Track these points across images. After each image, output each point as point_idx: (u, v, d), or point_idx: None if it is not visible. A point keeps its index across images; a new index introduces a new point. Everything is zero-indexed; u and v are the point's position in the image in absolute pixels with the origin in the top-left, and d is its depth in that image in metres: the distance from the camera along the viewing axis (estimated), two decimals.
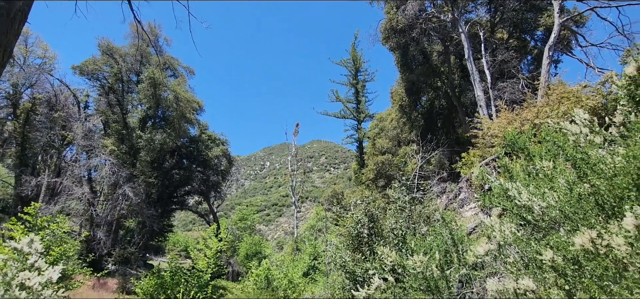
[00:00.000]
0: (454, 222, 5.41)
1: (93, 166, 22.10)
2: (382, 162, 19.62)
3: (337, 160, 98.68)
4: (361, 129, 28.31)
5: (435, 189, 10.66)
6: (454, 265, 4.68)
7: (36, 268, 3.97)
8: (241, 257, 25.28)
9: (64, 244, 10.44)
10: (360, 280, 6.24)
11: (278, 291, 11.15)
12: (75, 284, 10.34)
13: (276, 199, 78.14)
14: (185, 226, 63.84)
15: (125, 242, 23.08)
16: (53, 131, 22.61)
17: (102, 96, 24.46)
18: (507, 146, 5.25)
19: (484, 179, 5.01)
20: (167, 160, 26.68)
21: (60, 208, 19.24)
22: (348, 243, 7.82)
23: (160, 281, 10.36)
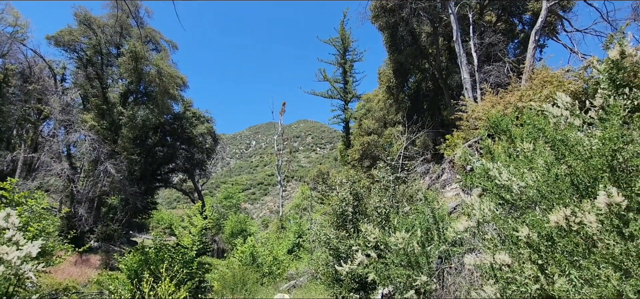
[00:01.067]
0: (436, 201, 5.53)
1: (72, 142, 21.46)
2: (368, 143, 19.75)
3: (323, 140, 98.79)
4: (348, 110, 28.30)
5: (419, 170, 10.84)
6: (435, 242, 4.81)
7: (14, 242, 3.87)
8: (226, 235, 25.38)
9: (43, 220, 10.19)
10: (344, 256, 6.35)
11: (263, 267, 11.29)
12: (57, 261, 10.18)
13: (262, 178, 78.09)
14: (169, 203, 63.35)
15: (107, 219, 22.77)
16: (28, 104, 21.71)
17: (80, 69, 23.49)
18: (490, 128, 5.35)
19: (466, 160, 5.11)
20: (150, 137, 26.14)
21: (38, 184, 18.73)
22: (332, 220, 7.92)
23: (144, 257, 10.26)
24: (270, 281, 10.36)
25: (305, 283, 9.08)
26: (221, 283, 10.29)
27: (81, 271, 14.09)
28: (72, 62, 24.01)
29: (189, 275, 9.68)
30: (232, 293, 9.13)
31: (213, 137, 31.17)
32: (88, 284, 11.82)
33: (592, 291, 2.47)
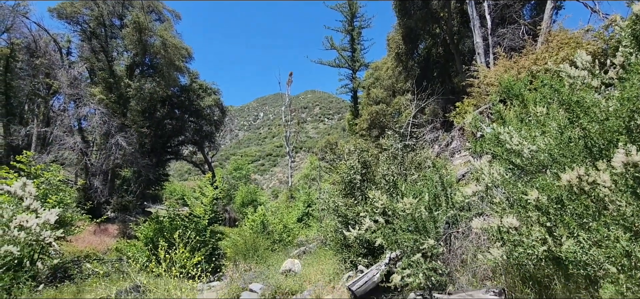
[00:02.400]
0: (445, 168, 5.51)
1: (82, 116, 21.72)
2: (377, 112, 19.54)
3: (331, 111, 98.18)
4: (356, 79, 27.87)
5: (427, 138, 10.74)
6: (442, 207, 4.82)
7: (32, 210, 4.01)
8: (237, 204, 25.92)
9: (60, 192, 10.53)
10: (352, 223, 6.44)
11: (273, 235, 11.58)
12: (76, 230, 10.60)
13: (270, 150, 78.64)
14: (180, 176, 64.57)
15: (122, 191, 23.39)
16: (36, 79, 21.88)
17: (85, 42, 23.38)
18: (503, 93, 5.22)
19: (476, 127, 5.03)
20: (158, 110, 26.29)
21: (53, 158, 19.19)
22: (341, 189, 7.99)
23: (159, 226, 10.65)
24: (280, 248, 10.65)
25: (314, 249, 9.30)
26: (233, 250, 10.62)
27: (100, 240, 14.65)
28: (76, 35, 23.90)
29: (203, 242, 10.01)
30: (244, 259, 9.44)
31: (221, 109, 31.20)
32: (108, 251, 12.32)
33: (600, 252, 2.47)
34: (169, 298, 4.00)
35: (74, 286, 7.25)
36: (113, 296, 3.76)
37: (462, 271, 4.50)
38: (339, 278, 6.30)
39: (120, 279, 5.64)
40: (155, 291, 4.38)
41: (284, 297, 6.34)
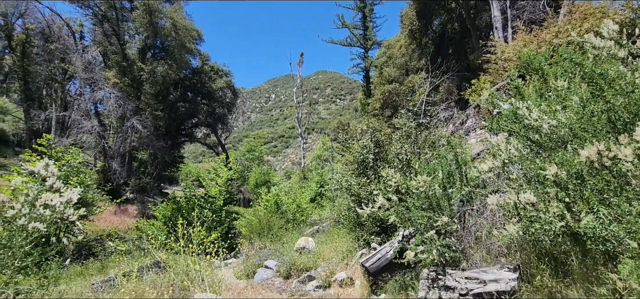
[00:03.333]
0: (460, 146, 5.43)
1: (98, 100, 22.14)
2: (389, 91, 19.26)
3: (343, 91, 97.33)
4: (368, 58, 27.38)
5: (442, 117, 10.55)
6: (457, 185, 4.78)
7: (55, 189, 4.17)
8: (251, 185, 26.31)
9: (80, 173, 10.89)
10: (365, 202, 6.47)
11: (287, 214, 11.76)
12: (98, 210, 11.00)
13: (283, 131, 78.94)
14: (195, 158, 65.67)
15: (139, 173, 23.99)
16: (52, 64, 22.31)
17: (97, 25, 23.57)
18: (522, 67, 5.06)
19: (493, 103, 4.91)
20: (171, 92, 26.56)
21: (72, 141, 19.73)
22: (354, 168, 8.00)
23: (176, 206, 10.96)
24: (294, 227, 10.82)
25: (328, 228, 9.42)
26: (248, 229, 10.85)
27: (121, 219, 15.18)
28: (88, 18, 24.09)
29: (219, 221, 10.25)
30: (259, 237, 9.65)
31: (232, 91, 31.31)
32: (128, 230, 12.78)
33: (620, 228, 2.42)
34: (188, 272, 4.14)
35: (98, 263, 7.59)
36: (135, 270, 3.92)
37: (476, 247, 4.49)
38: (352, 256, 6.39)
39: (142, 256, 5.87)
40: (175, 266, 4.54)
41: (299, 273, 6.48)
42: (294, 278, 6.42)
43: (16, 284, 3.35)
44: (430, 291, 4.05)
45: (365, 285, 4.98)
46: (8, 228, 3.89)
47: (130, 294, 3.44)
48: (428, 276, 4.10)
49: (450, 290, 3.87)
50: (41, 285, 3.58)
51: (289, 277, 6.55)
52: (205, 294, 3.27)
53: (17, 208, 3.84)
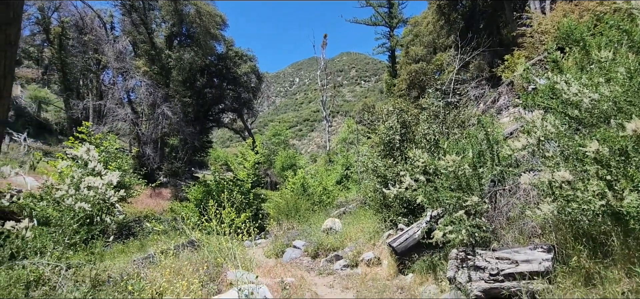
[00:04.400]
0: (491, 125, 5.24)
1: (130, 88, 23.05)
2: (416, 71, 18.73)
3: (367, 72, 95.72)
4: (394, 37, 26.65)
5: (472, 95, 10.15)
6: (487, 165, 4.65)
7: (97, 172, 4.44)
8: (277, 169, 26.72)
9: (118, 159, 11.52)
10: (392, 183, 6.42)
11: (313, 196, 11.91)
12: (135, 193, 11.64)
13: (307, 115, 79.12)
14: (223, 143, 67.36)
15: (171, 158, 25.00)
16: (87, 55, 23.35)
17: (126, 15, 24.35)
18: (561, 39, 4.75)
19: (528, 79, 4.67)
20: (198, 79, 27.18)
21: (108, 128, 20.77)
22: (380, 150, 7.94)
23: (207, 189, 11.39)
24: (320, 209, 10.96)
25: (354, 209, 9.47)
26: (276, 211, 11.12)
27: (156, 202, 15.97)
28: (117, 9, 24.93)
29: (247, 203, 10.55)
30: (286, 219, 9.87)
31: (257, 76, 31.60)
32: (163, 212, 13.44)
33: None
34: (221, 250, 4.33)
35: (137, 241, 8.08)
36: (172, 248, 4.15)
37: (507, 228, 4.38)
38: (379, 236, 6.41)
39: (177, 236, 6.19)
40: (208, 245, 4.76)
41: (326, 252, 6.60)
42: (321, 257, 6.55)
43: (67, 258, 3.64)
44: (459, 271, 4.01)
45: (393, 265, 5.01)
46: (58, 209, 4.21)
47: (169, 268, 3.66)
48: (457, 256, 4.06)
49: (480, 270, 3.81)
50: (89, 260, 3.87)
51: (317, 256, 6.69)
52: (237, 271, 3.41)
53: (64, 190, 4.15)
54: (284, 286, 3.78)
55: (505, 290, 3.65)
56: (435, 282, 4.39)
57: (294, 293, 3.76)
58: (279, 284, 3.81)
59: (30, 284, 3.09)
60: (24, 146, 18.49)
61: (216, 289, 3.64)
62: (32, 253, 3.64)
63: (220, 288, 3.70)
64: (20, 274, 3.08)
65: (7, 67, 6.09)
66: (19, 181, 10.00)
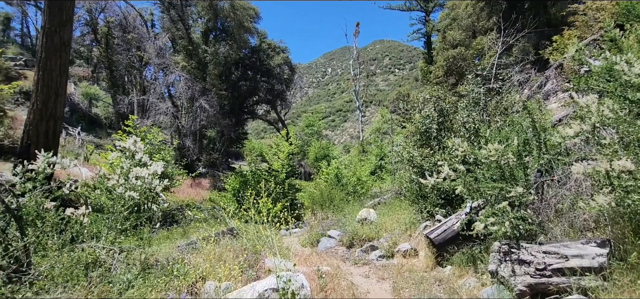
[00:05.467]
0: (538, 111, 4.92)
1: (170, 83, 24.14)
2: (454, 56, 17.97)
3: (402, 60, 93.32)
4: (429, 22, 25.71)
5: (515, 80, 9.55)
6: (534, 154, 4.38)
7: (143, 163, 4.72)
8: (311, 159, 26.97)
9: (161, 151, 12.18)
10: (429, 173, 6.26)
11: (347, 187, 11.91)
12: (177, 183, 12.28)
13: (340, 105, 78.82)
14: (257, 134, 68.96)
15: (209, 149, 26.01)
16: (130, 52, 24.72)
17: (165, 13, 25.45)
18: (620, 15, 4.35)
19: (581, 60, 4.33)
20: (233, 72, 27.90)
21: (151, 122, 21.96)
22: (416, 139, 7.74)
23: (243, 179, 11.76)
24: (355, 199, 10.93)
25: (389, 200, 9.35)
26: (310, 201, 11.25)
27: (196, 192, 16.74)
28: (157, 7, 26.13)
29: (283, 193, 10.76)
30: (321, 209, 9.95)
31: (290, 67, 31.89)
32: (203, 201, 14.07)
33: None
34: (259, 238, 4.47)
35: (180, 229, 8.53)
36: (213, 236, 4.34)
37: (556, 221, 4.12)
38: (415, 227, 6.29)
39: (217, 224, 6.46)
40: (246, 233, 4.92)
41: (361, 243, 6.59)
42: (356, 247, 6.55)
43: (119, 243, 3.93)
44: (501, 265, 3.85)
45: (430, 256, 4.90)
46: (110, 197, 4.54)
47: (211, 255, 3.84)
48: (500, 249, 3.89)
49: (525, 264, 3.63)
50: (138, 245, 4.15)
51: (352, 246, 6.69)
52: (275, 259, 3.50)
53: (114, 179, 4.46)
54: (320, 275, 3.83)
55: (553, 286, 3.46)
56: (475, 275, 4.24)
57: (330, 281, 3.79)
58: (315, 273, 3.86)
59: (89, 266, 3.36)
60: (78, 140, 20.04)
61: (255, 275, 3.76)
62: (89, 237, 3.97)
63: (258, 274, 3.82)
64: (80, 256, 3.37)
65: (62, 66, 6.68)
66: (76, 172, 10.88)
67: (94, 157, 15.88)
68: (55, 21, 7.56)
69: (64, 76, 7.84)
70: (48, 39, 7.48)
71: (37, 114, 7.42)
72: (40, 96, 7.45)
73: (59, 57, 7.63)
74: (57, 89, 7.62)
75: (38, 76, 7.49)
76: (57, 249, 3.41)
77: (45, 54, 7.44)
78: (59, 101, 7.78)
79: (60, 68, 7.68)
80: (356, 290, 3.97)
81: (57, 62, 7.60)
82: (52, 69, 7.49)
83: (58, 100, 7.71)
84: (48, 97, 7.48)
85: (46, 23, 7.56)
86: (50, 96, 7.50)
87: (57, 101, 7.64)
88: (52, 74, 7.49)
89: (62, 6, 7.66)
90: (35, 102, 7.48)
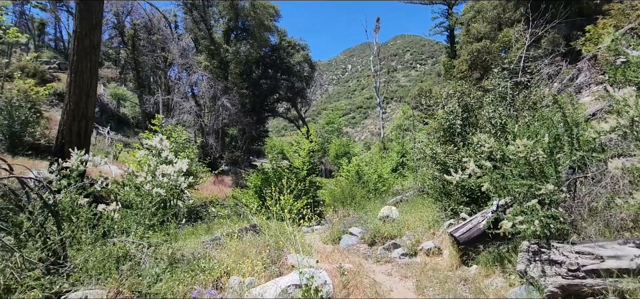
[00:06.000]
0: (571, 104, 4.70)
1: (193, 82, 24.71)
2: (478, 50, 17.41)
3: (423, 55, 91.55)
4: (452, 15, 25.06)
5: (544, 73, 9.12)
6: (565, 150, 4.20)
7: (169, 161, 4.86)
8: (331, 157, 26.96)
9: (185, 149, 12.51)
10: (452, 170, 6.12)
11: (369, 184, 11.82)
12: (201, 180, 12.59)
13: (360, 102, 78.31)
14: (278, 132, 69.59)
15: (231, 147, 26.50)
16: (155, 54, 25.50)
17: (187, 14, 26.05)
18: None
19: (617, 51, 4.09)
20: (253, 71, 28.24)
21: (176, 121, 22.58)
22: (439, 136, 7.58)
23: (265, 176, 11.91)
24: (376, 197, 10.85)
25: (411, 197, 9.22)
26: (331, 198, 11.25)
27: (219, 189, 17.09)
28: (180, 8, 26.81)
29: (304, 191, 10.82)
30: (342, 206, 9.94)
31: (309, 65, 31.93)
32: (226, 198, 14.35)
33: None
34: (281, 234, 4.51)
35: (204, 225, 8.75)
36: (236, 232, 4.42)
37: (589, 220, 3.93)
38: (439, 225, 6.17)
39: (240, 220, 6.59)
40: (269, 229, 4.99)
41: (383, 240, 6.53)
42: (378, 244, 6.50)
43: (147, 238, 4.07)
44: (530, 265, 3.72)
45: (455, 255, 4.79)
46: (138, 194, 4.70)
47: (234, 250, 3.91)
48: (529, 248, 3.75)
49: (557, 265, 3.49)
50: (165, 240, 4.28)
51: (374, 244, 6.65)
52: (298, 255, 3.52)
53: (142, 176, 4.62)
54: (343, 272, 3.82)
55: (588, 288, 3.31)
56: (502, 275, 4.12)
57: (353, 278, 3.78)
58: (338, 270, 3.86)
59: (120, 259, 3.50)
60: (108, 138, 20.91)
61: (278, 271, 3.80)
62: (119, 232, 4.13)
63: (281, 270, 3.86)
64: (112, 250, 3.51)
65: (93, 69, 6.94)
66: (106, 169, 11.36)
67: (122, 155, 16.53)
68: (86, 25, 7.90)
69: (94, 77, 8.19)
70: (79, 43, 7.82)
71: (70, 114, 7.79)
72: (73, 97, 7.80)
73: (90, 60, 7.97)
74: (88, 90, 7.96)
75: (70, 78, 7.85)
76: (91, 243, 3.57)
77: (77, 57, 7.79)
78: (90, 102, 8.13)
79: (91, 70, 8.03)
80: (379, 288, 3.94)
81: (88, 65, 7.95)
82: (83, 71, 7.83)
83: (89, 101, 8.06)
84: (80, 98, 7.83)
85: (77, 27, 7.91)
86: (81, 97, 7.85)
87: (88, 101, 7.99)
88: (84, 76, 7.84)
89: (92, 10, 8.00)
90: (68, 103, 7.85)
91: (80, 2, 7.92)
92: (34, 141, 13.59)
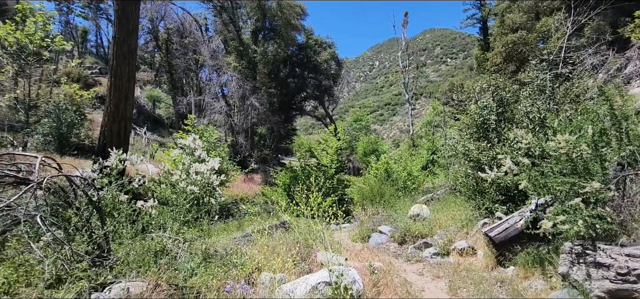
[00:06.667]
0: (619, 96, 4.38)
1: (223, 83, 25.40)
2: (514, 41, 16.61)
3: (454, 49, 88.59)
4: (485, 6, 24.09)
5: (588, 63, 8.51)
6: (613, 145, 3.91)
7: (201, 160, 5.03)
8: (359, 154, 26.76)
9: (217, 148, 12.90)
10: (486, 167, 5.88)
11: (398, 182, 11.62)
12: (232, 178, 12.93)
13: (388, 99, 77.06)
14: (306, 130, 69.97)
15: (260, 146, 27.00)
16: (187, 56, 26.45)
17: (217, 17, 26.78)
18: None
19: None
20: (281, 70, 28.56)
21: (207, 121, 23.32)
22: (472, 132, 7.31)
23: (294, 174, 12.04)
24: (406, 195, 10.64)
25: (442, 195, 8.97)
26: (360, 196, 11.17)
27: (249, 186, 17.49)
28: (210, 11, 27.58)
29: (332, 189, 10.84)
30: (371, 204, 9.84)
31: (336, 62, 31.84)
32: (255, 195, 14.65)
33: None
34: (310, 232, 4.54)
35: (236, 221, 8.98)
36: (266, 229, 4.50)
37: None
38: (472, 225, 5.96)
39: (269, 218, 6.70)
40: (298, 227, 5.03)
41: (414, 239, 6.40)
42: (409, 243, 6.38)
43: (183, 234, 4.24)
44: (573, 267, 3.51)
45: (490, 256, 4.61)
46: (174, 191, 4.90)
47: (265, 247, 3.99)
48: (572, 250, 3.55)
49: (603, 268, 3.28)
50: (199, 236, 4.44)
51: (404, 243, 6.53)
52: (327, 253, 3.53)
53: (177, 175, 4.81)
54: (373, 270, 3.78)
55: (638, 293, 3.07)
56: (542, 277, 3.91)
57: (383, 277, 3.74)
58: (367, 269, 3.82)
59: (157, 253, 3.67)
60: (144, 138, 21.97)
61: (307, 268, 3.83)
62: (156, 227, 4.33)
63: (311, 267, 3.89)
64: (150, 244, 3.69)
65: (130, 72, 7.32)
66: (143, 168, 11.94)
67: (158, 154, 17.32)
68: (123, 31, 8.34)
69: (132, 80, 8.64)
70: (118, 47, 8.27)
71: (110, 116, 8.26)
72: (113, 100, 8.27)
73: (128, 64, 8.42)
74: (126, 93, 8.41)
75: (110, 82, 8.33)
76: (131, 237, 3.77)
77: (116, 61, 8.25)
78: (129, 104, 8.58)
79: (129, 74, 8.47)
80: (410, 287, 3.87)
81: (126, 69, 8.39)
82: (122, 75, 8.28)
83: (127, 103, 8.51)
84: (119, 101, 8.29)
85: (116, 33, 8.37)
86: (121, 99, 8.30)
87: (126, 104, 8.43)
88: (122, 79, 8.28)
89: (129, 16, 8.43)
90: (108, 106, 8.33)
91: (118, 9, 8.37)
92: (79, 142, 14.56)
